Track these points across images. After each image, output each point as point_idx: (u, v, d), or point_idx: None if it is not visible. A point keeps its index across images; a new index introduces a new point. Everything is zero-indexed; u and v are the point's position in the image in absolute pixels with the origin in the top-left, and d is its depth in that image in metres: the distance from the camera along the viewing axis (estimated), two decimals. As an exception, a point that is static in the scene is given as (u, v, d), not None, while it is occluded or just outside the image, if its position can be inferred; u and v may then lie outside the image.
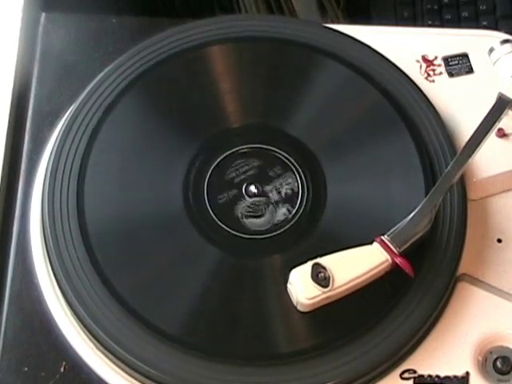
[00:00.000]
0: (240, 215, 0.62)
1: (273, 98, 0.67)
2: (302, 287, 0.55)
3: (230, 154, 0.64)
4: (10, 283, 0.60)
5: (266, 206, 0.62)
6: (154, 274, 0.59)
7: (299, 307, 0.56)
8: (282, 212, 0.62)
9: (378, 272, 0.56)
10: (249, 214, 0.62)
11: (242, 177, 0.63)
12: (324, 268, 0.55)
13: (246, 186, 0.63)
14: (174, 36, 0.68)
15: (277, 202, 0.62)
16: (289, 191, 0.63)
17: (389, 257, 0.56)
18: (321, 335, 0.57)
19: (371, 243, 0.57)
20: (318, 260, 0.55)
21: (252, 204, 0.62)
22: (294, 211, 0.62)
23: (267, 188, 0.63)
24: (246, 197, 0.62)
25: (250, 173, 0.63)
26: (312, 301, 0.55)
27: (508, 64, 0.68)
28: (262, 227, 0.62)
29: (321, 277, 0.55)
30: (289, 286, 0.56)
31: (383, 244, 0.57)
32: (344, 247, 0.56)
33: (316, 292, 0.55)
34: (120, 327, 0.57)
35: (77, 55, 0.69)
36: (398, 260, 0.56)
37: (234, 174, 0.63)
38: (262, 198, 0.63)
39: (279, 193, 0.63)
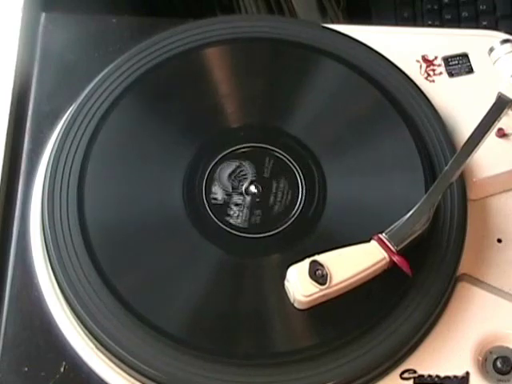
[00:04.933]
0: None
1: (272, 98, 0.67)
2: (299, 284, 0.55)
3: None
4: (10, 283, 0.60)
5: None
6: (153, 274, 0.59)
7: (296, 304, 0.56)
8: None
9: (376, 270, 0.56)
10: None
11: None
12: (321, 265, 0.55)
13: (246, 186, 0.63)
14: (174, 36, 0.68)
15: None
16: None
17: (386, 255, 0.56)
18: (321, 335, 0.57)
19: (369, 241, 0.57)
20: (316, 257, 0.55)
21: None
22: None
23: (267, 187, 0.63)
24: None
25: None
26: (309, 298, 0.55)
27: (508, 64, 0.68)
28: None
29: (318, 274, 0.55)
30: (286, 283, 0.56)
31: (381, 242, 0.57)
32: (343, 245, 0.57)
33: (313, 289, 0.55)
34: (120, 327, 0.57)
35: (77, 55, 0.69)
36: (396, 258, 0.56)
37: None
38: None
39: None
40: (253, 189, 0.63)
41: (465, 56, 0.70)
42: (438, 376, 0.58)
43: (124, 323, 0.57)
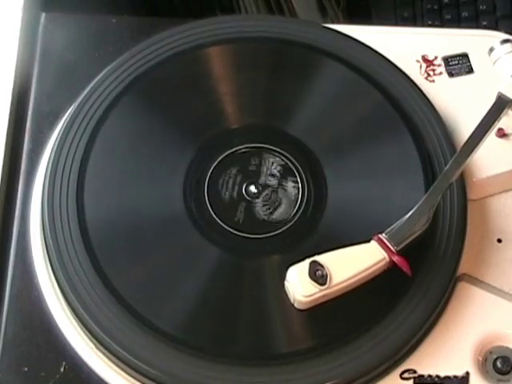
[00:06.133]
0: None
1: (273, 99, 0.67)
2: (299, 285, 0.55)
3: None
4: (10, 283, 0.60)
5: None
6: (154, 274, 0.59)
7: (296, 305, 0.56)
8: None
9: (376, 270, 0.56)
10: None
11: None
12: (321, 266, 0.55)
13: (246, 186, 0.63)
14: (174, 36, 0.68)
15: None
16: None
17: (386, 255, 0.56)
18: (321, 335, 0.57)
19: (369, 241, 0.57)
20: (316, 258, 0.55)
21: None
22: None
23: (267, 188, 0.63)
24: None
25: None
26: (309, 298, 0.55)
27: (508, 64, 0.68)
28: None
29: (318, 274, 0.55)
30: (286, 283, 0.56)
31: (381, 242, 0.57)
32: (343, 245, 0.57)
33: (313, 290, 0.55)
34: (120, 327, 0.57)
35: (77, 55, 0.69)
36: (396, 258, 0.56)
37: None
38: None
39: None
40: (253, 189, 0.63)
41: (465, 56, 0.70)
42: (437, 376, 0.58)
43: (124, 323, 0.57)
